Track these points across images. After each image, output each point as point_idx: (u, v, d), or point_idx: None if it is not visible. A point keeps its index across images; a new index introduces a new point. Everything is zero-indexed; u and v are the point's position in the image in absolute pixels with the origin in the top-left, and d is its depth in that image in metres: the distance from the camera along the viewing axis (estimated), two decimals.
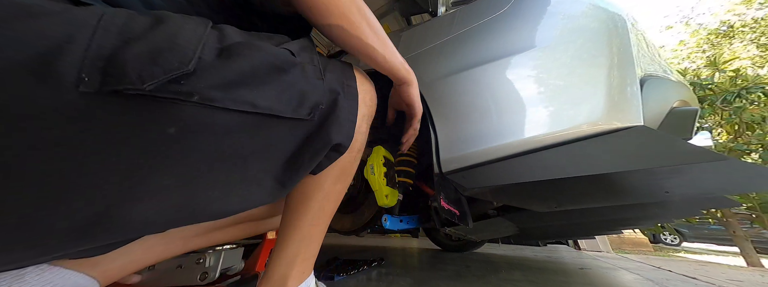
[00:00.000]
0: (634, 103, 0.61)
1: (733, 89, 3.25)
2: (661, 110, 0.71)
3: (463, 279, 1.29)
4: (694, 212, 0.95)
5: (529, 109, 0.65)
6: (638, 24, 0.81)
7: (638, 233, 5.52)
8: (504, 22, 0.78)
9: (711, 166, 0.50)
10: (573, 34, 0.68)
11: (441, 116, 0.76)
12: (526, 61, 0.69)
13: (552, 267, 1.85)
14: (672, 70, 0.89)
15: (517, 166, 0.65)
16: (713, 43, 9.45)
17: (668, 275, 1.76)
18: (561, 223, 1.19)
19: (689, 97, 0.88)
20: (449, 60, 0.81)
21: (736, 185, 0.60)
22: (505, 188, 0.75)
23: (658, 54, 0.89)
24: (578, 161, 0.60)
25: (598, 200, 0.79)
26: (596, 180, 0.65)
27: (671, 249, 7.18)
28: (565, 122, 0.61)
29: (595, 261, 2.29)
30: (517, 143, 0.64)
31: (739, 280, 1.75)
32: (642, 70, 0.69)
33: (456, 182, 0.75)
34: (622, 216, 1.03)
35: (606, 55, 0.64)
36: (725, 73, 3.60)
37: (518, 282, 1.30)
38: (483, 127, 0.69)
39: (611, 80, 0.62)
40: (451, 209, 0.72)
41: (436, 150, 0.74)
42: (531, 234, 1.56)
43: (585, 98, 0.62)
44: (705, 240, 7.32)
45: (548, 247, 3.15)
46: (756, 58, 8.49)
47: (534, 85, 0.67)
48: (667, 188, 0.65)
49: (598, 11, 0.71)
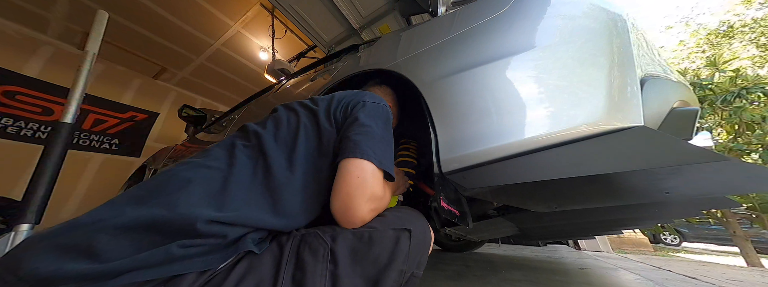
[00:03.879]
0: (635, 103, 0.61)
1: (733, 89, 3.26)
2: (662, 110, 0.71)
3: (463, 279, 1.29)
4: (694, 212, 0.95)
5: (530, 109, 0.65)
6: (638, 24, 0.81)
7: (638, 233, 5.52)
8: (504, 22, 0.77)
9: (711, 166, 0.50)
10: (573, 34, 0.68)
11: (441, 117, 0.76)
12: (526, 62, 0.69)
13: (552, 267, 1.85)
14: (672, 70, 0.89)
15: (518, 166, 0.65)
16: (713, 43, 9.44)
17: (668, 275, 1.76)
18: (561, 223, 1.19)
19: (689, 97, 0.88)
20: (449, 60, 0.81)
21: (736, 185, 0.60)
22: (505, 188, 0.75)
23: (658, 54, 0.89)
24: (578, 162, 0.60)
25: (598, 200, 0.78)
26: (596, 180, 0.65)
27: (671, 249, 7.17)
28: (565, 123, 0.61)
29: (595, 261, 2.29)
30: (517, 143, 0.64)
31: (739, 280, 1.75)
32: (642, 70, 0.69)
33: (456, 182, 0.75)
34: (622, 217, 1.03)
35: (606, 55, 0.64)
36: (725, 73, 3.60)
37: (518, 282, 1.30)
38: (483, 127, 0.69)
39: (611, 80, 0.62)
40: (451, 210, 0.72)
41: (436, 150, 0.74)
42: (531, 234, 1.56)
43: (585, 98, 0.62)
44: (705, 240, 7.31)
45: (548, 247, 3.15)
46: (756, 58, 8.48)
47: (534, 85, 0.66)
48: (667, 189, 0.65)
49: (599, 11, 0.71)
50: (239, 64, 4.41)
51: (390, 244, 0.48)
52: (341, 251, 0.46)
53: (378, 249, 0.47)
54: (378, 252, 0.47)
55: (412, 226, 0.53)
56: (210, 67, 4.45)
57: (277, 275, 0.42)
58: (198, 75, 4.67)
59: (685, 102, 0.82)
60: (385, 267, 0.46)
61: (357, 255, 0.46)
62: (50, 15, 3.27)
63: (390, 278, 0.45)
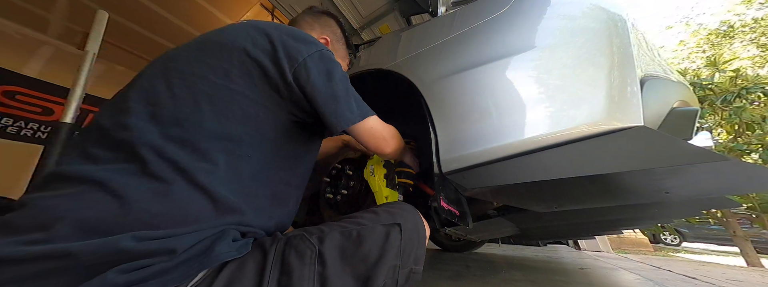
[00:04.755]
0: (635, 103, 0.61)
1: (733, 89, 3.25)
2: (662, 110, 0.71)
3: (463, 279, 1.29)
4: (694, 212, 0.95)
5: (530, 109, 0.65)
6: (638, 24, 0.81)
7: (638, 233, 5.52)
8: (504, 22, 0.77)
9: (711, 166, 0.50)
10: (573, 34, 0.68)
11: (441, 116, 0.76)
12: (526, 62, 0.69)
13: (552, 267, 1.85)
14: (672, 70, 0.89)
15: (518, 166, 0.65)
16: (713, 43, 9.44)
17: (668, 275, 1.76)
18: (561, 223, 1.19)
19: (689, 97, 0.88)
20: (449, 60, 0.81)
21: (736, 185, 0.60)
22: (505, 188, 0.75)
23: (658, 54, 0.89)
24: (578, 162, 0.60)
25: (598, 200, 0.78)
26: (596, 180, 0.65)
27: (671, 249, 7.17)
28: (565, 123, 0.61)
29: (595, 261, 2.29)
30: (517, 143, 0.64)
31: (739, 280, 1.75)
32: (642, 70, 0.69)
33: (456, 182, 0.75)
34: (622, 216, 1.03)
35: (606, 55, 0.64)
36: (725, 73, 3.60)
37: (518, 282, 1.30)
38: (483, 127, 0.69)
39: (611, 80, 0.62)
40: (451, 210, 0.72)
41: (436, 150, 0.74)
42: (531, 234, 1.56)
43: (585, 98, 0.62)
44: (705, 240, 7.31)
45: (548, 247, 3.15)
46: (756, 58, 8.48)
47: (534, 85, 0.66)
48: (667, 189, 0.65)
49: (599, 11, 0.71)
50: None
51: (380, 240, 0.48)
52: (329, 251, 0.44)
53: (367, 246, 0.46)
54: (368, 248, 0.46)
55: (403, 220, 0.52)
56: None
57: (261, 282, 0.39)
58: None
59: (685, 102, 0.82)
60: (375, 263, 0.45)
61: (346, 254, 0.45)
62: (50, 15, 3.27)
63: (381, 274, 0.44)
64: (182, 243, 0.36)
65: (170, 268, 0.35)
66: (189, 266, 0.37)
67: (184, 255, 0.36)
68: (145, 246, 0.34)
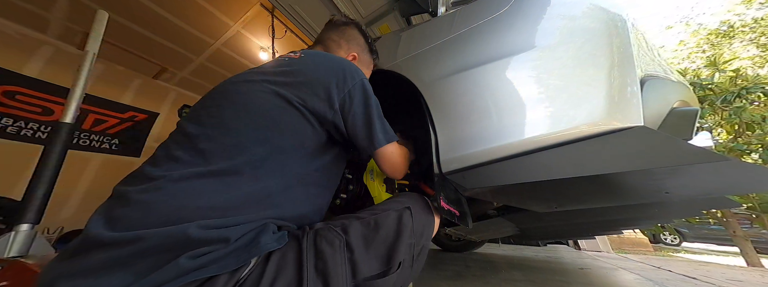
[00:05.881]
0: (635, 103, 0.61)
1: (733, 89, 3.25)
2: (662, 110, 0.71)
3: (463, 279, 1.29)
4: (694, 212, 0.95)
5: (530, 109, 0.65)
6: (638, 24, 0.81)
7: (638, 233, 5.52)
8: (504, 22, 0.77)
9: (711, 166, 0.50)
10: (573, 34, 0.68)
11: (441, 117, 0.76)
12: (526, 62, 0.69)
13: (552, 267, 1.85)
14: (672, 70, 0.89)
15: (518, 166, 0.65)
16: (713, 43, 9.43)
17: (668, 275, 1.76)
18: (561, 223, 1.19)
19: (689, 97, 0.88)
20: (449, 60, 0.81)
21: (736, 185, 0.60)
22: (505, 188, 0.75)
23: (658, 54, 0.88)
24: (578, 162, 0.60)
25: (598, 200, 0.78)
26: (596, 181, 0.65)
27: (671, 249, 7.17)
28: (565, 123, 0.61)
29: (595, 261, 2.29)
30: (517, 143, 0.64)
31: (739, 280, 1.75)
32: (642, 70, 0.69)
33: (456, 182, 0.75)
34: (622, 217, 1.03)
35: (606, 55, 0.64)
36: (725, 73, 3.60)
37: (518, 282, 1.30)
38: (483, 127, 0.69)
39: (611, 80, 0.62)
40: (451, 210, 0.72)
41: (436, 150, 0.74)
42: (531, 234, 1.56)
43: (585, 98, 0.62)
44: (705, 240, 7.30)
45: (548, 247, 3.15)
46: (756, 58, 8.47)
47: (534, 85, 0.66)
48: (667, 189, 0.65)
49: (599, 11, 0.71)
50: (239, 64, 4.41)
51: (394, 223, 0.57)
52: (354, 240, 0.52)
53: (385, 230, 0.55)
54: (386, 232, 0.55)
55: (412, 204, 0.63)
56: (210, 67, 4.44)
57: (301, 267, 0.45)
58: (198, 75, 4.67)
59: (685, 102, 0.82)
60: (394, 242, 0.54)
61: (368, 240, 0.53)
62: (50, 15, 3.27)
63: (400, 251, 0.53)
64: (234, 233, 0.43)
65: (226, 255, 0.41)
66: (239, 254, 0.42)
67: (235, 244, 0.42)
68: (207, 235, 0.40)
